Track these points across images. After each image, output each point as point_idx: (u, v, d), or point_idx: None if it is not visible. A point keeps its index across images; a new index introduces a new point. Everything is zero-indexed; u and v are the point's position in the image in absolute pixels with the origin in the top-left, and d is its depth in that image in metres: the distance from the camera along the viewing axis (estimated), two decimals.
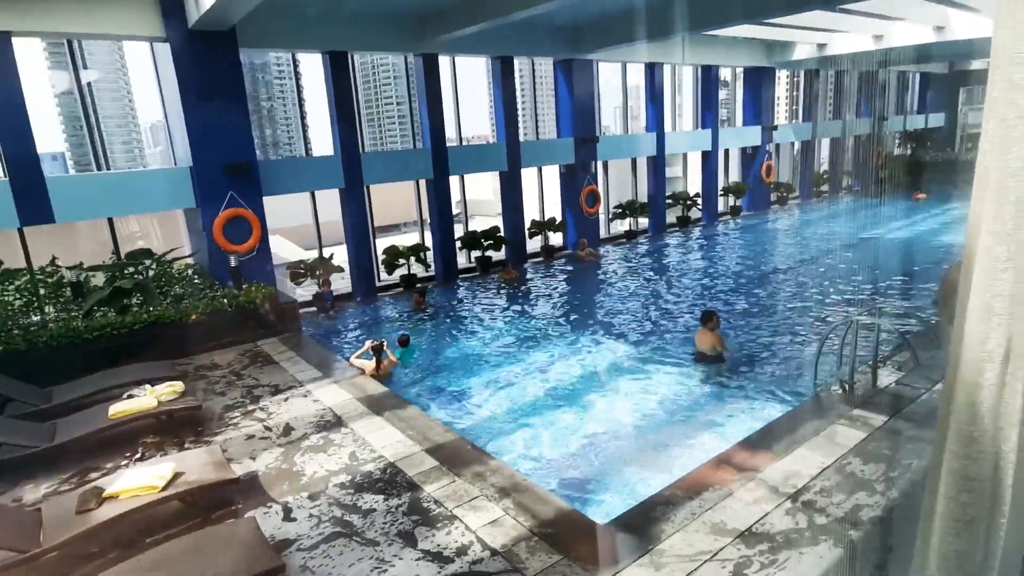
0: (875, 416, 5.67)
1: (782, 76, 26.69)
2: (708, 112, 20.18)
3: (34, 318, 8.89)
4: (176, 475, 4.84)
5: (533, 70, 17.21)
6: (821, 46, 19.43)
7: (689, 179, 21.76)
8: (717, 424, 6.72)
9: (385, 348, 8.47)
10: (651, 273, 14.90)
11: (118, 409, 6.22)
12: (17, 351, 7.76)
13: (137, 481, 4.69)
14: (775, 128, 22.27)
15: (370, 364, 8.19)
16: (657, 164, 18.96)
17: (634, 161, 19.28)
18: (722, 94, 21.42)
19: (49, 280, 9.33)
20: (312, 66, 12.75)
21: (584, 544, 4.20)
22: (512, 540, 4.26)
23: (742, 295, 12.30)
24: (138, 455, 5.88)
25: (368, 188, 13.35)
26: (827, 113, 26.47)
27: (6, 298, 8.84)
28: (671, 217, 20.16)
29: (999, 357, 1.26)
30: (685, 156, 21.20)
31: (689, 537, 4.15)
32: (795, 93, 25.21)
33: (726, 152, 22.12)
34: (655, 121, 18.56)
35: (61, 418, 6.41)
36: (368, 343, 8.50)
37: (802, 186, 25.24)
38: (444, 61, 13.99)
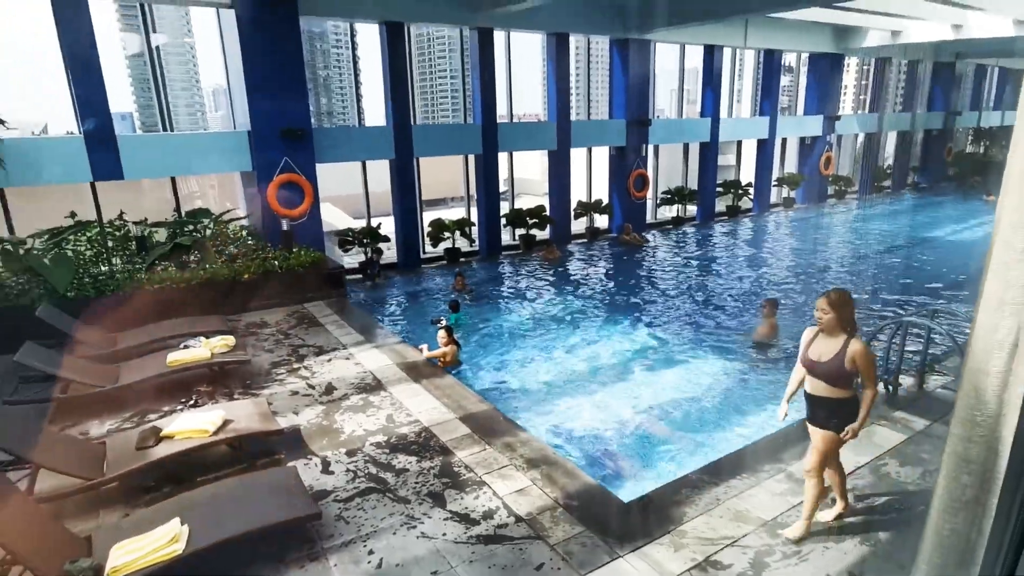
0: (917, 420, 5.55)
1: (851, 64, 25.54)
2: (767, 99, 19.52)
3: (103, 268, 9.46)
4: (225, 422, 5.14)
5: (588, 49, 16.95)
6: (895, 33, 18.46)
7: (742, 167, 21.19)
8: (752, 414, 6.67)
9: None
10: (696, 261, 14.69)
11: (175, 358, 6.61)
12: (87, 298, 8.31)
13: (191, 424, 5.01)
14: (838, 118, 21.39)
15: (447, 349, 7.68)
16: (710, 150, 18.52)
17: (686, 146, 18.88)
18: (784, 80, 20.66)
19: (117, 233, 9.88)
20: (368, 36, 12.93)
21: (607, 518, 4.29)
22: (537, 509, 4.39)
23: (790, 288, 12.02)
24: (192, 401, 6.26)
25: (417, 160, 13.51)
26: (896, 105, 25.22)
27: (79, 248, 9.42)
28: (720, 206, 19.71)
29: (1008, 346, 1.28)
30: (739, 143, 20.61)
31: (712, 521, 4.20)
32: (863, 82, 24.08)
33: (783, 141, 21.40)
34: (711, 106, 18.08)
35: (124, 362, 6.87)
36: (440, 332, 7.82)
37: (863, 180, 24.24)
38: (499, 36, 13.93)
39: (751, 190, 20.25)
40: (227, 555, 3.81)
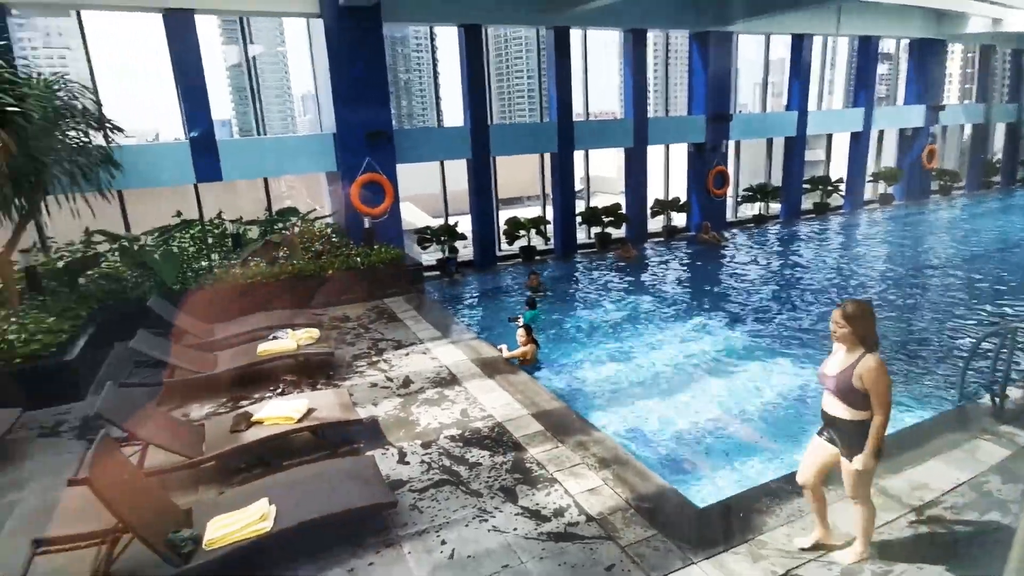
0: None
1: (955, 50, 23.52)
2: (862, 89, 18.31)
3: (203, 263, 10.21)
4: (309, 411, 5.42)
5: (667, 43, 16.53)
6: (996, 21, 16.85)
7: (833, 162, 19.97)
8: None
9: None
10: (778, 260, 14.01)
11: (265, 348, 7.05)
12: (190, 291, 9.00)
13: (278, 412, 5.33)
14: (942, 108, 19.75)
15: (527, 349, 7.76)
16: (796, 145, 17.58)
17: (770, 141, 18.04)
18: (882, 68, 19.31)
19: (215, 231, 10.63)
20: (447, 39, 13.19)
21: (680, 523, 4.19)
22: (609, 509, 4.35)
23: (884, 291, 11.24)
24: (279, 389, 6.64)
25: (494, 160, 13.68)
26: (1003, 95, 22.99)
27: (184, 244, 10.23)
28: (807, 203, 18.69)
29: None
30: (830, 137, 19.45)
31: (795, 533, 4.00)
32: (969, 70, 22.11)
33: (880, 134, 20.00)
34: (798, 98, 17.17)
35: (221, 351, 7.39)
36: (520, 331, 7.93)
37: (970, 175, 22.26)
38: (575, 34, 13.86)
39: (842, 186, 19.05)
40: (309, 536, 4.01)
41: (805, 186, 18.39)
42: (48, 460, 5.47)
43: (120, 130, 8.72)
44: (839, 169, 19.61)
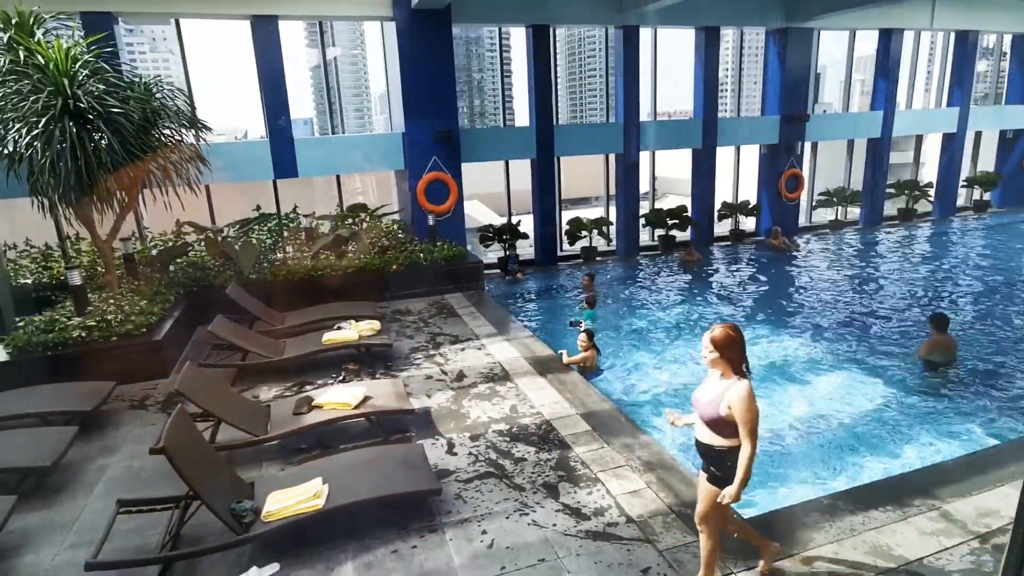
0: None
1: None
2: (958, 87, 17.05)
3: (279, 255, 10.83)
4: (366, 398, 5.69)
5: (741, 41, 16.01)
6: None
7: (924, 165, 18.72)
8: (904, 441, 5.98)
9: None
10: (853, 269, 13.29)
11: (329, 337, 7.42)
12: (265, 280, 9.58)
13: (337, 397, 5.62)
14: None
15: (587, 354, 7.66)
16: (880, 147, 16.59)
17: (851, 143, 17.11)
18: (981, 66, 17.91)
19: (291, 225, 11.25)
20: (519, 39, 13.32)
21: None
22: (650, 512, 4.34)
23: (973, 303, 10.47)
24: (340, 377, 6.99)
25: (558, 160, 13.72)
26: None
27: (261, 237, 10.88)
28: (891, 209, 17.61)
29: None
30: (919, 139, 18.24)
31: (844, 551, 3.86)
32: None
33: (977, 135, 18.57)
34: (884, 97, 16.19)
35: (289, 338, 7.84)
36: (581, 336, 7.82)
37: None
38: (645, 33, 13.67)
39: (931, 191, 17.82)
40: (358, 515, 4.25)
41: (889, 190, 17.33)
42: (135, 430, 6.01)
43: (209, 129, 9.38)
44: (930, 173, 18.36)
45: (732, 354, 3.32)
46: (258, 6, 10.39)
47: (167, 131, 8.37)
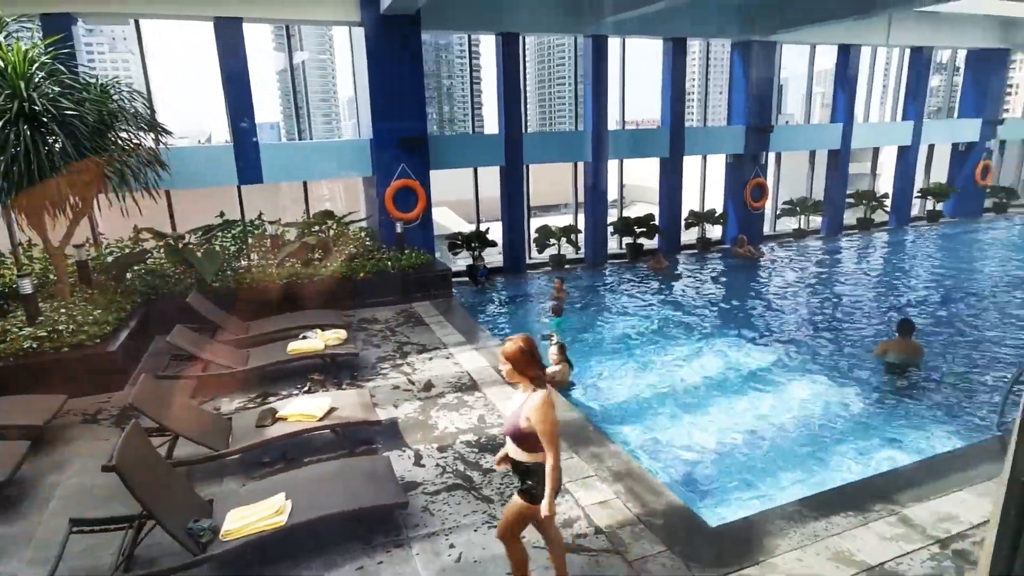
0: None
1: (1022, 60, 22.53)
2: (912, 101, 17.70)
3: (243, 262, 10.57)
4: (332, 409, 5.57)
5: (707, 53, 16.34)
6: None
7: (880, 177, 19.35)
8: (866, 447, 6.11)
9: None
10: (816, 277, 13.64)
11: (294, 347, 7.26)
12: (228, 288, 9.34)
13: (302, 409, 5.49)
14: (1001, 122, 18.92)
15: (558, 368, 7.40)
16: (840, 158, 17.10)
17: (812, 154, 17.60)
18: (935, 80, 18.63)
19: (256, 232, 11.00)
20: (488, 47, 13.34)
21: (690, 541, 4.14)
22: (618, 523, 4.33)
23: (928, 311, 10.83)
24: (305, 387, 6.83)
25: (527, 167, 13.74)
26: None
27: (225, 244, 10.61)
28: (851, 218, 18.14)
29: None
30: (876, 151, 18.86)
31: (807, 558, 3.91)
32: None
33: (931, 148, 19.28)
34: (844, 110, 16.71)
35: (253, 348, 7.64)
36: (552, 349, 7.54)
37: None
38: (614, 43, 13.84)
39: (887, 201, 18.43)
40: (322, 531, 4.13)
41: (849, 200, 17.86)
42: (88, 445, 5.76)
43: (169, 133, 9.11)
44: (886, 183, 18.98)
45: (525, 366, 3.27)
46: (221, 8, 10.17)
47: (124, 134, 8.11)
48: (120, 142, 7.99)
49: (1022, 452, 1.16)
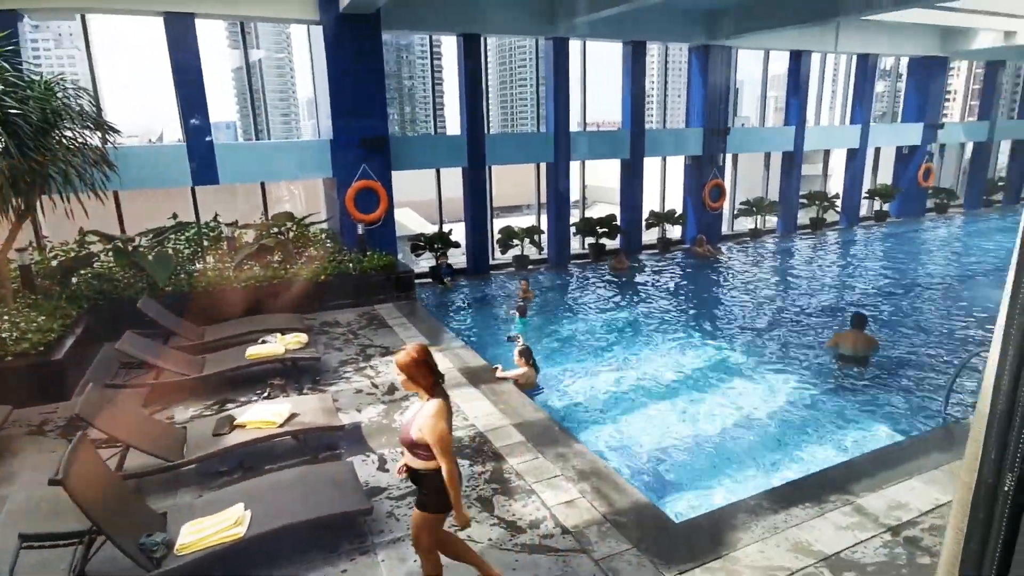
0: None
1: (960, 67, 23.65)
2: (860, 106, 18.40)
3: (197, 266, 10.23)
4: (292, 415, 5.43)
5: (666, 56, 16.65)
6: (1009, 34, 16.92)
7: (830, 178, 20.05)
8: (822, 439, 6.31)
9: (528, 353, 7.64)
10: (773, 275, 14.05)
11: (253, 352, 7.06)
12: (182, 292, 9.03)
13: (261, 415, 5.34)
14: (940, 126, 19.82)
15: (521, 371, 7.44)
16: (793, 160, 17.65)
17: (768, 156, 18.12)
18: (880, 86, 19.40)
19: (211, 234, 10.67)
20: (450, 48, 13.28)
21: (656, 538, 4.19)
22: (585, 522, 4.35)
23: (876, 306, 11.26)
24: (265, 393, 6.65)
25: (490, 168, 13.73)
26: (1011, 111, 23.08)
27: (178, 246, 10.26)
28: (804, 218, 18.75)
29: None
30: (827, 153, 19.55)
31: (768, 550, 4.01)
32: (973, 87, 22.21)
33: (877, 151, 20.08)
34: (796, 114, 17.25)
35: (209, 353, 7.40)
36: (516, 352, 7.63)
37: (969, 193, 22.31)
38: (575, 45, 13.95)
39: (838, 202, 19.12)
40: (284, 541, 4.02)
41: (802, 201, 18.45)
42: (35, 458, 5.49)
43: (116, 131, 8.75)
44: (836, 185, 19.68)
45: (418, 376, 3.29)
46: (172, 3, 9.83)
47: (69, 132, 7.75)
48: (65, 141, 7.63)
49: (988, 454, 1.20)
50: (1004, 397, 1.14)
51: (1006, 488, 1.14)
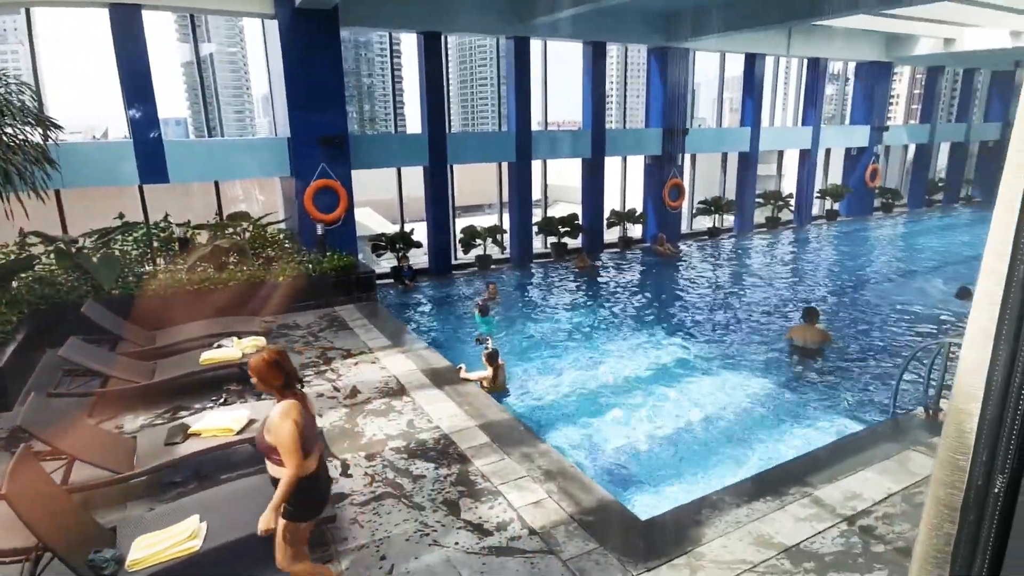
0: None
1: (904, 72, 24.68)
2: (811, 108, 19.01)
3: (147, 268, 9.83)
4: (250, 422, 5.26)
5: (626, 57, 16.85)
6: (948, 41, 17.75)
7: (784, 178, 20.67)
8: (780, 433, 6.48)
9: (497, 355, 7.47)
10: (731, 272, 14.39)
11: (208, 356, 6.82)
12: (131, 296, 8.65)
13: (217, 423, 5.15)
14: (886, 129, 20.66)
15: (486, 373, 7.34)
16: (749, 160, 18.12)
17: (725, 156, 18.54)
18: (829, 90, 20.08)
19: (162, 234, 10.27)
20: (410, 45, 13.12)
21: (622, 536, 4.22)
22: (552, 523, 4.35)
23: (829, 302, 11.65)
24: (221, 400, 6.43)
25: (451, 168, 13.63)
26: (950, 115, 24.23)
27: (125, 248, 9.83)
28: (760, 217, 19.26)
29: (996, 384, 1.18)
30: (781, 154, 20.14)
31: (731, 544, 4.08)
32: (915, 91, 23.22)
33: (827, 152, 20.80)
34: (751, 115, 17.71)
35: (160, 359, 7.11)
36: (483, 355, 7.47)
37: (912, 193, 23.33)
38: (536, 45, 13.98)
39: (792, 201, 19.72)
40: (242, 553, 3.87)
41: (758, 200, 18.95)
42: None
43: (59, 127, 8.33)
44: (790, 185, 20.29)
45: (269, 377, 3.23)
46: None
47: (9, 129, 7.33)
48: (5, 138, 7.21)
49: (979, 456, 1.22)
50: (995, 400, 1.17)
51: (996, 490, 1.16)
